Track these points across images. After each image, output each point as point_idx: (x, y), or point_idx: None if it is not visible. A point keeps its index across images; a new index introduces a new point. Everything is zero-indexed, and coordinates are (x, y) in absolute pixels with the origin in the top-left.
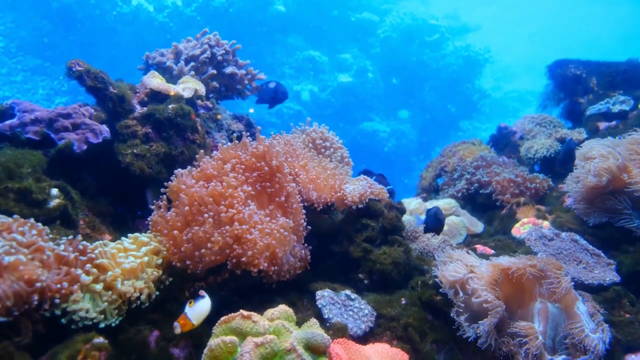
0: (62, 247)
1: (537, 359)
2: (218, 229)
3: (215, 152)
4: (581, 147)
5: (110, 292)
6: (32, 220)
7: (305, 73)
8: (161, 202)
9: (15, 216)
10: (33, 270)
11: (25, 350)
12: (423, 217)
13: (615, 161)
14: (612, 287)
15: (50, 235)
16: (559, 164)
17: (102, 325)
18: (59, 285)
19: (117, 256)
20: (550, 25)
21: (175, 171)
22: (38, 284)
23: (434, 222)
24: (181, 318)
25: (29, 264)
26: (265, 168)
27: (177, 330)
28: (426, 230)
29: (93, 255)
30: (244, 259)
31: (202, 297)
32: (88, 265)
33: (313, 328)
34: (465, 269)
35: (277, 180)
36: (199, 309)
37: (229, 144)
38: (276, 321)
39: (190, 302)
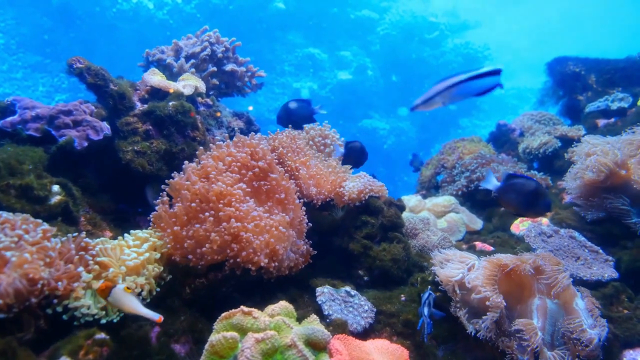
0: (65, 244)
1: (536, 354)
2: (218, 227)
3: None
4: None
5: None
6: (39, 220)
7: (305, 70)
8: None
9: (25, 215)
10: (37, 269)
11: (27, 345)
12: None
13: (614, 157)
14: (611, 283)
15: (53, 232)
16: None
17: (103, 321)
18: (60, 283)
19: (123, 252)
20: (549, 23)
21: (184, 165)
22: (40, 282)
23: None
24: (109, 282)
25: (34, 262)
26: (260, 163)
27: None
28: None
29: (95, 252)
30: (239, 259)
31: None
32: (90, 263)
33: (313, 324)
34: (463, 267)
35: (272, 177)
36: (127, 299)
37: (221, 142)
38: (277, 317)
39: (128, 289)
